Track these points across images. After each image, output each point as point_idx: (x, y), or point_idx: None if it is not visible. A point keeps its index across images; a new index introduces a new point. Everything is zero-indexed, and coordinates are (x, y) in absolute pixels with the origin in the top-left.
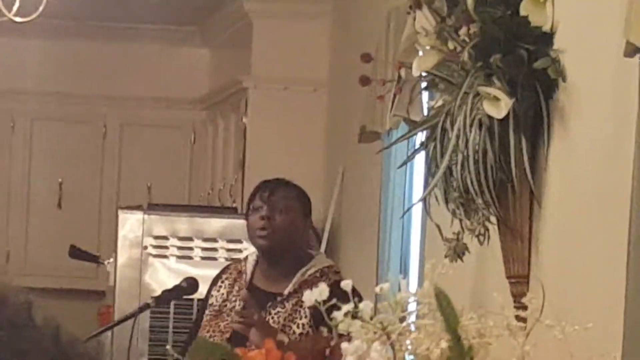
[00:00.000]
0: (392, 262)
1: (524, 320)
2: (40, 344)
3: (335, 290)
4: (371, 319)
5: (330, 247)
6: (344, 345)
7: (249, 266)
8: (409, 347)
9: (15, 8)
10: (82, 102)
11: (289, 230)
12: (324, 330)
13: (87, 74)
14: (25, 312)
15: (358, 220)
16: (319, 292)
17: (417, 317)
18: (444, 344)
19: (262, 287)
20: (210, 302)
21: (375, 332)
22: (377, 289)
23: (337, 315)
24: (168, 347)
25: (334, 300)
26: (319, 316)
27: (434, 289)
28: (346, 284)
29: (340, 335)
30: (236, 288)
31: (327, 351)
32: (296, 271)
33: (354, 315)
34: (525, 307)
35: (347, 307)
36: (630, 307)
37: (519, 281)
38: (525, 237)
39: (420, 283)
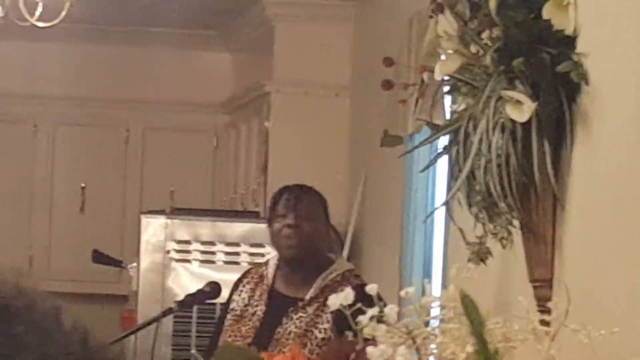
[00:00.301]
0: (415, 266)
1: (547, 324)
2: (68, 348)
3: (358, 295)
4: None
5: (353, 252)
6: (370, 349)
7: (271, 270)
8: (434, 351)
9: (37, 13)
10: (105, 106)
11: (315, 238)
12: (349, 334)
13: (110, 79)
14: (54, 316)
15: (381, 225)
16: (345, 296)
17: (442, 321)
18: (469, 348)
19: (284, 292)
20: (231, 306)
21: (400, 336)
22: (403, 293)
23: (362, 319)
24: (193, 351)
25: (358, 305)
26: (341, 321)
27: (460, 292)
28: (372, 288)
29: (365, 340)
30: (258, 292)
31: (352, 355)
32: (317, 276)
33: (379, 319)
34: (549, 311)
35: (373, 311)
36: None
37: (543, 285)
38: (549, 241)
39: (444, 287)
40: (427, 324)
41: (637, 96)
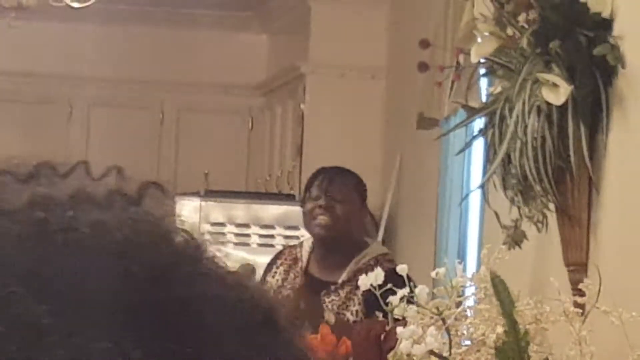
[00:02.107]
0: (449, 249)
1: (581, 306)
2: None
3: (389, 278)
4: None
5: (388, 234)
6: (400, 329)
7: (305, 253)
8: (465, 332)
9: None
10: (140, 88)
11: (348, 220)
12: (379, 315)
13: (144, 60)
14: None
15: (416, 208)
16: (375, 277)
17: (473, 302)
18: (499, 329)
19: (317, 276)
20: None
21: (431, 317)
22: (433, 274)
23: (393, 299)
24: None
25: (388, 286)
26: (372, 303)
27: (490, 273)
28: (402, 269)
29: (395, 320)
30: (292, 275)
31: (382, 336)
32: (350, 259)
33: (409, 300)
34: (583, 294)
35: (403, 292)
36: None
37: (578, 269)
38: (584, 225)
39: (478, 270)
40: (459, 304)
41: None
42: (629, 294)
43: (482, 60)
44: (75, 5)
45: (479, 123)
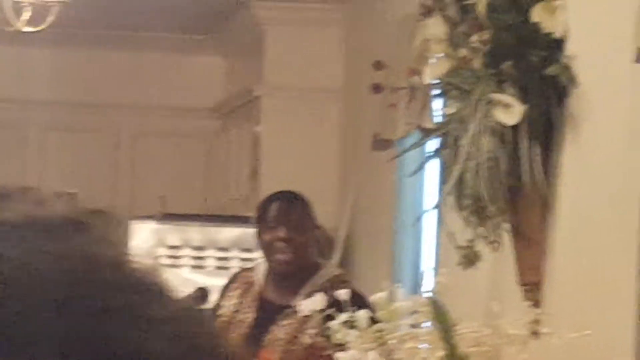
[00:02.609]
0: (405, 269)
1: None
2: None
3: (353, 299)
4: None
5: (345, 255)
6: (339, 354)
7: (260, 277)
8: (405, 356)
9: (24, 17)
10: (95, 111)
11: (307, 249)
12: (322, 340)
13: (100, 84)
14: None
15: (372, 228)
16: (316, 302)
17: (414, 326)
18: (440, 353)
19: (273, 300)
20: (220, 312)
21: (371, 342)
22: (375, 298)
23: (333, 324)
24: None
25: (329, 310)
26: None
27: (429, 298)
28: (342, 294)
29: (337, 345)
30: (248, 299)
31: None
32: (306, 282)
33: (351, 324)
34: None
35: (344, 317)
36: None
37: (532, 288)
38: (539, 244)
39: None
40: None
41: (625, 98)
42: (583, 312)
43: (435, 81)
44: (27, 29)
45: (433, 143)
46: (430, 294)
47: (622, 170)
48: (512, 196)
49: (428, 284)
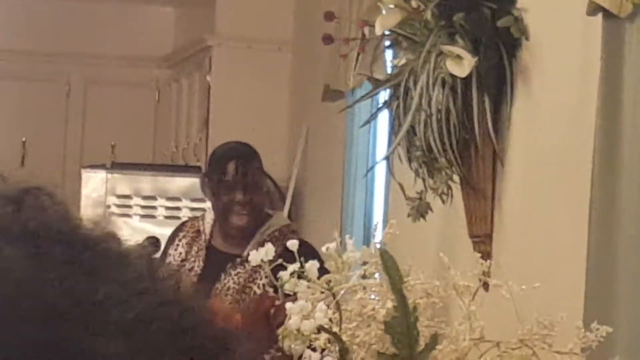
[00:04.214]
0: (356, 220)
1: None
2: (164, 295)
3: (301, 248)
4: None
5: (295, 206)
6: (289, 305)
7: (207, 226)
8: (355, 307)
9: None
10: (46, 60)
11: (264, 204)
12: (271, 290)
13: (51, 32)
14: (146, 264)
15: (322, 179)
16: (265, 252)
17: (364, 277)
18: (389, 304)
19: (221, 249)
20: (167, 260)
21: (322, 292)
22: (323, 249)
23: (283, 275)
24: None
25: (279, 260)
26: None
27: (378, 249)
28: (292, 244)
29: (286, 296)
30: (195, 248)
31: (272, 311)
32: (255, 231)
33: (300, 275)
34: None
35: (293, 267)
36: (592, 264)
37: (482, 240)
38: (489, 196)
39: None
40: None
41: (576, 51)
42: (532, 265)
43: (386, 33)
44: None
45: (384, 95)
46: (380, 246)
47: (573, 123)
48: (462, 148)
49: (378, 235)
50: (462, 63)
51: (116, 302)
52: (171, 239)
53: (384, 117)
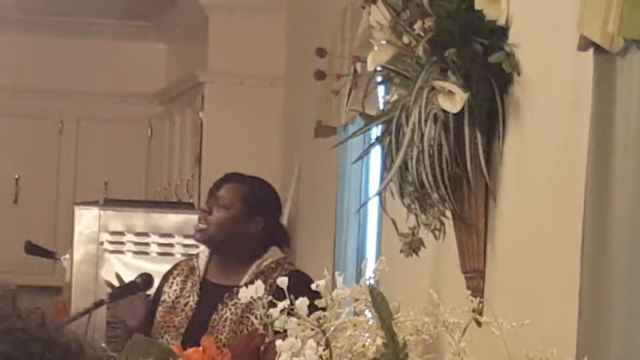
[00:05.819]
0: (349, 256)
1: (480, 314)
2: (27, 330)
3: (293, 280)
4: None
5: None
6: (279, 342)
7: (202, 262)
8: (345, 344)
9: None
10: (38, 97)
11: (226, 226)
12: (260, 327)
13: (43, 69)
14: (10, 300)
15: (315, 215)
16: (255, 289)
17: (355, 314)
18: (379, 341)
19: (216, 282)
20: (162, 298)
21: (312, 329)
22: (314, 286)
23: (273, 312)
24: (103, 344)
25: (268, 298)
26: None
27: (368, 285)
28: (281, 281)
29: (276, 333)
30: (189, 284)
31: (262, 348)
32: (251, 263)
33: (290, 312)
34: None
35: (283, 304)
36: (585, 299)
37: (475, 276)
38: (481, 232)
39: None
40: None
41: (568, 86)
42: (524, 300)
43: (378, 68)
44: None
45: (376, 131)
46: (370, 282)
47: (564, 159)
48: (454, 184)
49: (370, 271)
50: (454, 99)
51: None
52: (166, 276)
53: (376, 153)
